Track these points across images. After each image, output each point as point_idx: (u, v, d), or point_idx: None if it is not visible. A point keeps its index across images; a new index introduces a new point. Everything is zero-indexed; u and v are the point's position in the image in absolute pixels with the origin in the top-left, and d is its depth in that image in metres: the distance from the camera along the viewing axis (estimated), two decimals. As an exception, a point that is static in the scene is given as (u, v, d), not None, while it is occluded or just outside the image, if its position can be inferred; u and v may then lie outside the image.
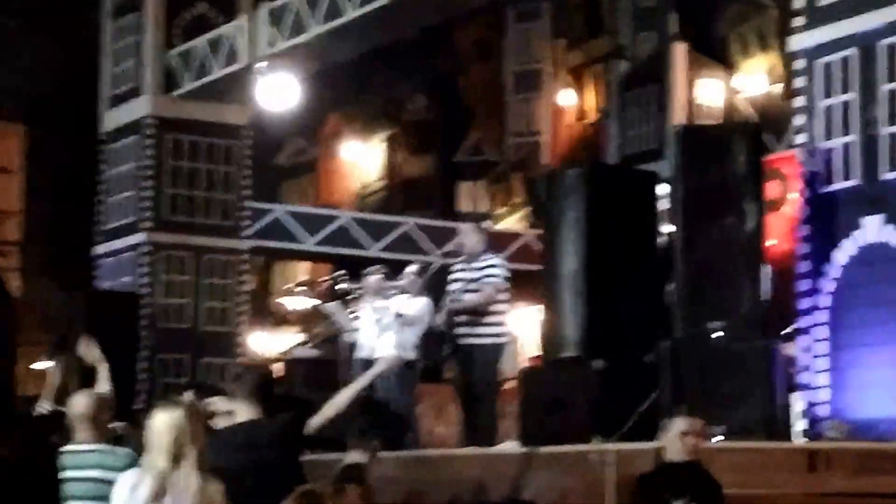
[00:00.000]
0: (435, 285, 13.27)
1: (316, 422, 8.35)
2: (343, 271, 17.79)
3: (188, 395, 9.19)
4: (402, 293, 13.03)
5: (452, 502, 10.06)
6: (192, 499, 6.48)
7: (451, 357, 12.56)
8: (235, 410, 7.90)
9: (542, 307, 12.05)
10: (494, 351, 12.26)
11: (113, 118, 20.58)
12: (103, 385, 8.64)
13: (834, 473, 9.69)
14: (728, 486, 8.19)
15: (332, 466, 9.17)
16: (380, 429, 9.54)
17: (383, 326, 12.87)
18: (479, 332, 12.20)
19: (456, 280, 12.48)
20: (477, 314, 12.18)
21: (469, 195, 30.44)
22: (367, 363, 12.40)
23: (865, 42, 11.47)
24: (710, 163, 10.81)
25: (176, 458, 6.50)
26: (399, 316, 12.70)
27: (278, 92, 17.79)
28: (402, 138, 32.25)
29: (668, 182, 11.45)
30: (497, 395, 12.53)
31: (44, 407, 9.06)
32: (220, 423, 8.28)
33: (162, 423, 6.58)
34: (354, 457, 9.15)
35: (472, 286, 12.28)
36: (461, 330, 12.24)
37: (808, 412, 11.24)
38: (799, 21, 12.12)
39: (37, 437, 7.71)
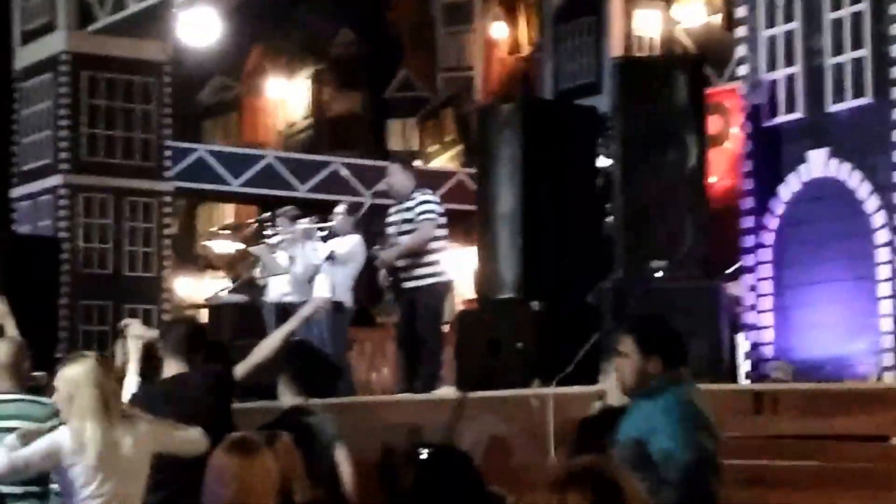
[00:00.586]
0: (365, 225, 12.94)
1: (242, 369, 8.15)
2: (269, 213, 17.46)
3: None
4: (332, 234, 12.72)
5: (385, 450, 9.78)
6: (131, 448, 6.36)
7: (391, 301, 12.23)
8: (165, 363, 7.77)
9: (476, 248, 11.78)
10: (437, 291, 11.94)
11: (26, 55, 20.04)
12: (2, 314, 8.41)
13: (780, 415, 9.57)
14: (672, 430, 7.96)
15: (263, 414, 8.90)
16: (310, 374, 9.22)
17: (312, 269, 12.57)
18: (419, 274, 11.87)
19: (390, 224, 12.13)
20: (416, 255, 11.84)
21: (399, 133, 30.12)
22: (281, 307, 12.11)
23: (809, -31, 11.20)
24: (650, 96, 10.57)
25: (101, 412, 6.30)
26: (331, 258, 12.40)
27: (199, 27, 17.32)
28: (328, 74, 31.84)
29: (606, 116, 11.19)
30: (441, 338, 12.23)
31: None
32: (130, 345, 8.06)
33: (76, 377, 6.35)
34: (288, 400, 8.81)
35: (407, 227, 11.94)
36: (401, 274, 11.89)
37: (753, 353, 11.02)
38: (739, -53, 11.82)
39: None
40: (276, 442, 6.77)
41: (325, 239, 12.86)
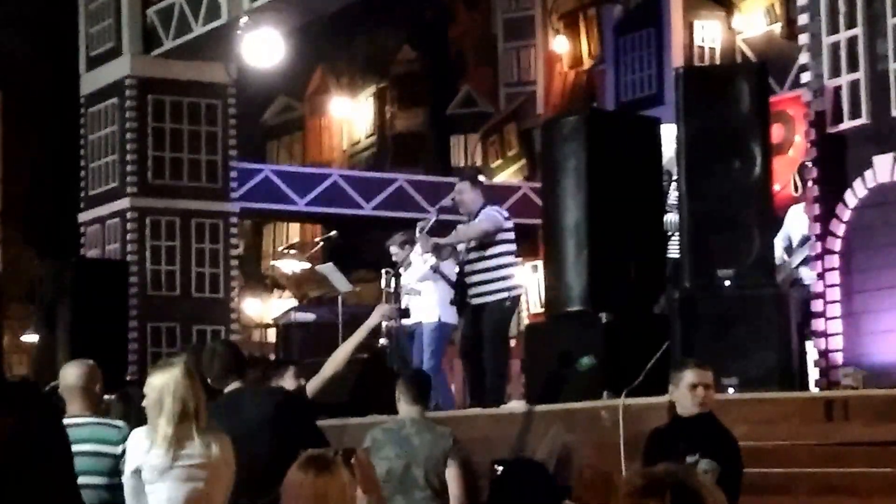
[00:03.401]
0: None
1: (314, 385, 8.13)
2: (335, 231, 17.55)
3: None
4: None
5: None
6: (202, 458, 6.41)
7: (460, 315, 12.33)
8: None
9: (541, 262, 11.80)
10: (503, 307, 11.99)
11: (92, 80, 20.22)
12: None
13: (851, 422, 9.54)
14: (743, 439, 8.04)
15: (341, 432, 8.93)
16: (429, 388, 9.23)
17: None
18: (486, 290, 11.93)
19: None
20: (484, 271, 11.93)
21: (462, 148, 30.13)
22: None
23: (870, -26, 11.12)
24: (714, 105, 10.55)
25: (180, 419, 6.38)
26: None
27: (262, 48, 17.43)
28: (391, 92, 31.92)
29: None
30: (507, 353, 12.26)
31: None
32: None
33: (160, 383, 6.43)
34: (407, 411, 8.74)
35: (474, 243, 12.04)
36: (471, 290, 11.96)
37: (823, 360, 10.95)
38: (801, -46, 11.77)
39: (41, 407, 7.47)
40: (353, 457, 6.78)
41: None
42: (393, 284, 12.72)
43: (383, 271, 13.27)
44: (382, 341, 12.90)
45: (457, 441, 8.67)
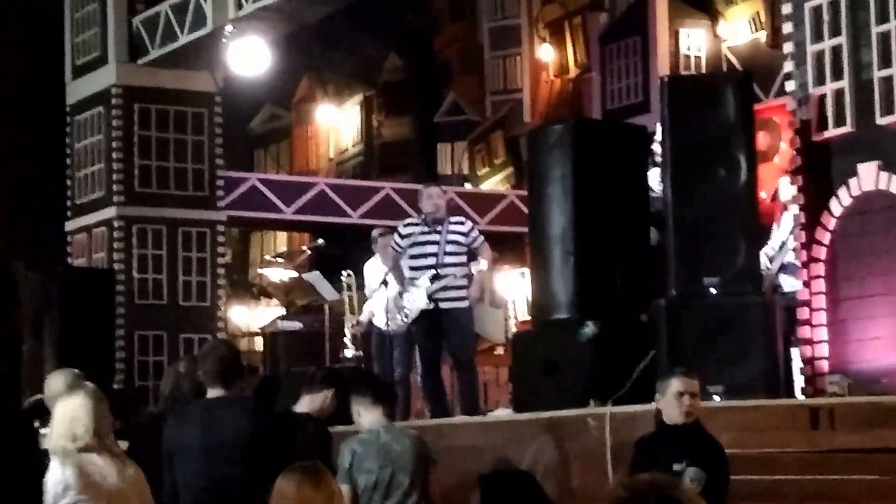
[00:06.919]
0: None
1: None
2: (322, 240, 17.58)
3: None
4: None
5: (446, 472, 9.80)
6: (131, 484, 6.44)
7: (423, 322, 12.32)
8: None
9: (528, 269, 11.84)
10: (469, 313, 12.06)
11: (78, 89, 20.22)
12: None
13: (838, 429, 9.56)
14: (729, 447, 8.04)
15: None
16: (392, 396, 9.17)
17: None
18: (455, 296, 11.97)
19: (425, 242, 12.18)
20: (450, 276, 11.98)
21: (449, 156, 30.15)
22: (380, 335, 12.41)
23: (854, -17, 11.16)
24: (699, 113, 10.59)
25: (100, 443, 6.41)
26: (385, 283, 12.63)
27: (248, 57, 17.43)
28: (377, 100, 31.92)
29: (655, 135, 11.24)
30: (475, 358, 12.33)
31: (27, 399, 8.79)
32: None
33: (79, 404, 6.46)
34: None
35: (452, 248, 12.09)
36: (437, 294, 11.96)
37: (809, 367, 10.98)
38: (785, -37, 11.80)
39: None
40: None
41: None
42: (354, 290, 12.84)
43: (343, 274, 13.38)
44: (349, 352, 12.91)
45: (424, 441, 8.71)
